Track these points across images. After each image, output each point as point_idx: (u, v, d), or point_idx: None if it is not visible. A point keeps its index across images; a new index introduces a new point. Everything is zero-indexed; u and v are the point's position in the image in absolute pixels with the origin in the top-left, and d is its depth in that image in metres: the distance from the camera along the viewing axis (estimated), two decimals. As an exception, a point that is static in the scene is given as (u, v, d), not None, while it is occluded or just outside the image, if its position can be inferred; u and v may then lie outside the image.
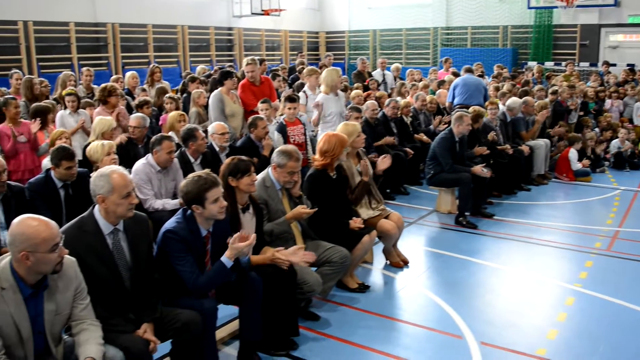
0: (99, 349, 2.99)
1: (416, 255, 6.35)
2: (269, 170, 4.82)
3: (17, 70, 9.21)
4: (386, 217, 5.85)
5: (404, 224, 6.13)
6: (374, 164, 5.86)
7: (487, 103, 9.76)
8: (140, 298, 3.53)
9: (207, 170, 3.84)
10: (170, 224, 3.74)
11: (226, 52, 18.08)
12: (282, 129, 7.30)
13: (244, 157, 4.40)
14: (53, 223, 2.85)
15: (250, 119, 6.95)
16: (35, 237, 2.76)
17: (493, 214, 7.78)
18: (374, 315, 4.99)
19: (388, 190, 8.46)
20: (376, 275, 5.92)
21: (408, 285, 5.65)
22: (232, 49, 18.35)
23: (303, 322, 4.77)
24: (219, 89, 7.89)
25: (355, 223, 5.15)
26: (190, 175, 3.77)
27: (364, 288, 5.47)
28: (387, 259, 6.13)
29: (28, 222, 2.81)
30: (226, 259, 3.66)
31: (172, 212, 5.46)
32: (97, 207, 3.45)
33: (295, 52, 19.42)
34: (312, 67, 9.40)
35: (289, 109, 7.39)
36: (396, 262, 6.07)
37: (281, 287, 4.25)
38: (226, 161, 4.39)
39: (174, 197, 5.75)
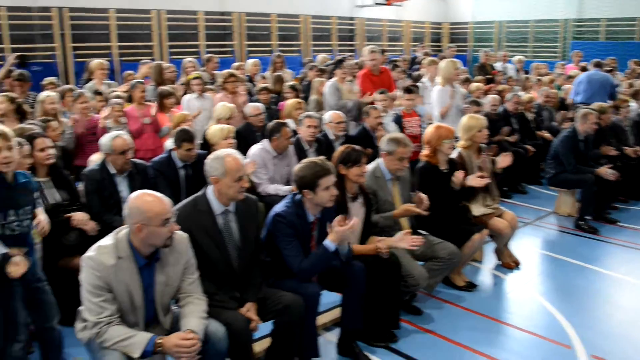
0: (201, 322, 3.12)
1: (529, 258, 6.11)
2: (379, 160, 4.82)
3: (147, 60, 9.74)
4: (499, 216, 5.66)
5: (518, 223, 5.91)
6: (493, 161, 5.71)
7: (613, 102, 9.06)
8: (246, 277, 3.66)
9: (322, 157, 3.90)
10: (279, 207, 3.83)
11: (347, 42, 18.16)
12: (398, 120, 7.26)
13: (357, 147, 4.41)
14: (166, 199, 3.03)
15: (364, 107, 6.98)
16: (149, 210, 2.94)
17: (617, 219, 7.32)
18: (480, 316, 4.87)
19: (505, 188, 8.19)
20: (485, 275, 5.76)
21: (518, 287, 5.46)
22: (353, 39, 18.41)
23: (405, 315, 4.75)
24: (335, 78, 7.97)
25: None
26: (306, 161, 3.85)
27: (471, 287, 5.35)
28: (498, 259, 5.94)
29: (144, 197, 3.01)
30: (329, 242, 3.70)
31: (284, 196, 5.64)
32: (210, 187, 3.60)
33: (418, 44, 19.17)
34: (432, 57, 9.26)
35: (407, 100, 7.33)
36: (507, 263, 5.87)
37: (385, 277, 4.25)
38: (339, 149, 4.43)
39: (287, 183, 5.89)
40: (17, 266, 3.26)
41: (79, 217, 4.53)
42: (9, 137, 3.44)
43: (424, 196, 4.66)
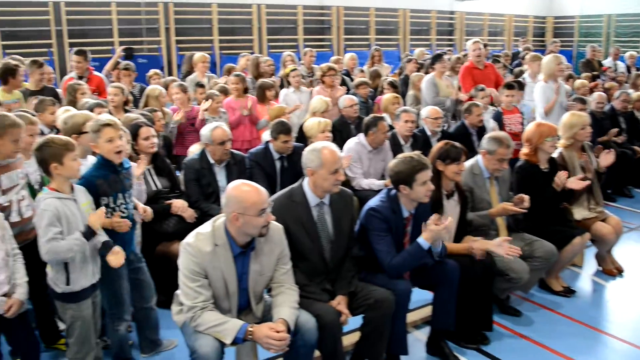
0: (292, 312, 3.15)
1: (634, 265, 5.75)
2: (478, 157, 4.69)
3: (247, 53, 9.94)
4: (603, 220, 5.37)
5: (622, 229, 5.58)
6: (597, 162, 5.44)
7: None
8: (337, 270, 3.67)
9: (418, 152, 3.84)
10: (374, 202, 3.81)
11: (446, 37, 17.84)
12: (498, 117, 7.04)
13: (457, 144, 4.32)
14: (263, 190, 3.07)
15: (465, 104, 6.83)
16: (245, 200, 2.98)
17: None
18: (577, 323, 4.63)
19: (609, 191, 7.77)
20: (584, 281, 5.49)
21: (620, 296, 5.16)
22: (452, 34, 18.06)
23: (498, 318, 4.60)
24: (432, 72, 7.84)
25: None
26: (402, 155, 3.80)
27: (569, 292, 5.11)
28: (599, 265, 5.64)
29: (241, 187, 3.06)
30: (423, 240, 3.64)
31: (378, 191, 5.61)
32: (306, 179, 3.63)
33: (519, 39, 18.54)
34: (535, 53, 8.92)
35: (507, 96, 7.10)
36: (609, 270, 5.56)
37: (478, 277, 4.13)
38: (439, 144, 4.35)
39: (382, 177, 5.85)
40: (116, 255, 3.41)
41: (179, 204, 4.69)
42: (119, 127, 3.61)
43: (525, 197, 4.50)
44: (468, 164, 4.58)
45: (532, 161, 5.04)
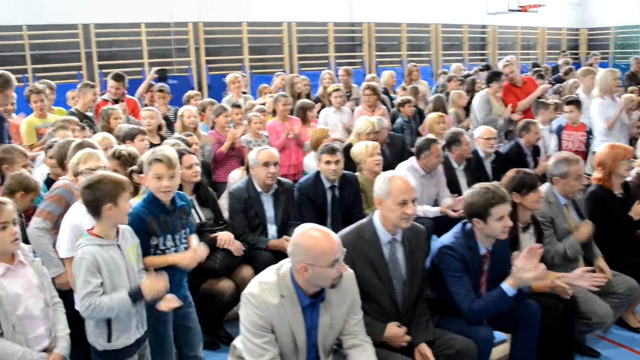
0: None
1: None
2: (549, 184, 4.28)
3: (281, 72, 9.66)
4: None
5: None
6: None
7: None
8: (410, 314, 3.31)
9: (496, 183, 3.47)
10: (448, 239, 3.43)
11: (479, 51, 17.45)
12: (559, 131, 6.66)
13: (529, 171, 3.96)
14: (335, 237, 2.70)
15: (522, 122, 6.44)
16: (315, 249, 2.63)
17: None
18: (659, 363, 4.19)
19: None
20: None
21: None
22: (484, 48, 17.66)
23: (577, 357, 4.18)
24: (486, 90, 7.46)
25: None
26: (478, 186, 3.42)
27: (647, 329, 4.66)
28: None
29: (310, 233, 2.69)
30: (508, 286, 3.26)
31: (433, 219, 5.24)
32: (377, 213, 3.28)
33: (554, 51, 18.10)
34: (587, 67, 8.48)
35: (571, 112, 6.71)
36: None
37: (560, 317, 3.72)
38: (509, 174, 3.95)
39: (435, 204, 5.48)
40: (168, 301, 3.08)
41: (225, 237, 4.34)
42: (174, 164, 3.27)
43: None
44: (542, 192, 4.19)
45: (606, 186, 4.62)
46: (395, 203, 3.18)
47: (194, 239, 3.49)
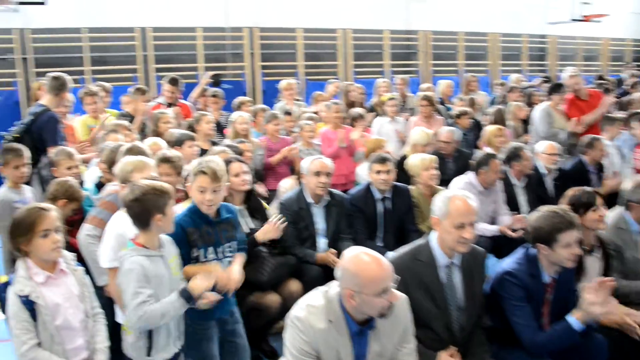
0: None
1: None
2: (621, 208, 3.99)
3: (335, 79, 9.51)
4: None
5: None
6: None
7: None
8: (466, 343, 3.10)
9: (565, 207, 3.24)
10: (510, 264, 3.20)
11: (537, 62, 16.93)
12: (628, 148, 6.36)
13: (587, 188, 3.73)
14: (386, 263, 2.50)
15: (586, 138, 6.11)
16: (363, 276, 2.44)
17: None
18: None
19: None
20: None
21: None
22: (544, 59, 17.13)
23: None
24: (547, 102, 7.15)
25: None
26: (545, 209, 3.19)
27: None
28: None
29: (359, 258, 2.50)
30: (575, 320, 3.02)
31: (490, 238, 5.00)
32: (434, 234, 3.09)
33: (617, 63, 17.44)
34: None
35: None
36: None
37: (629, 354, 3.44)
38: (567, 194, 3.71)
39: (492, 221, 5.23)
40: (210, 297, 2.97)
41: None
42: (218, 177, 3.16)
43: None
44: (612, 218, 3.91)
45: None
46: (453, 225, 2.99)
47: (238, 260, 3.36)
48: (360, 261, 2.49)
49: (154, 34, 11.45)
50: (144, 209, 2.77)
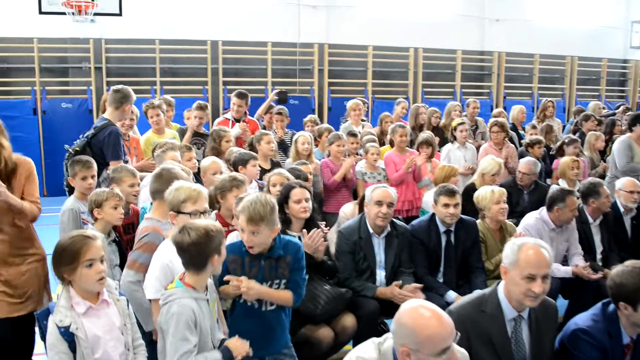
0: None
1: None
2: None
3: (402, 99, 9.29)
4: None
5: None
6: None
7: None
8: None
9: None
10: (585, 320, 2.93)
11: (617, 87, 16.22)
12: None
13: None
14: (448, 320, 2.27)
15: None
16: (421, 333, 2.21)
17: None
18: None
19: None
20: None
21: None
22: (624, 84, 16.40)
23: None
24: (628, 134, 6.74)
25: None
26: (631, 264, 2.90)
27: None
28: None
29: (418, 311, 2.28)
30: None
31: (560, 279, 4.68)
32: (502, 284, 2.85)
33: None
34: None
35: None
36: None
37: None
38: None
39: (564, 261, 4.91)
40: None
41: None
42: (257, 220, 2.99)
43: None
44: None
45: None
46: (521, 276, 2.75)
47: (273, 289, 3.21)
48: (419, 316, 2.26)
49: (224, 47, 11.56)
50: (202, 252, 2.66)
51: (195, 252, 2.66)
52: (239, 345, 2.72)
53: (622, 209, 5.43)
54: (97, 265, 2.57)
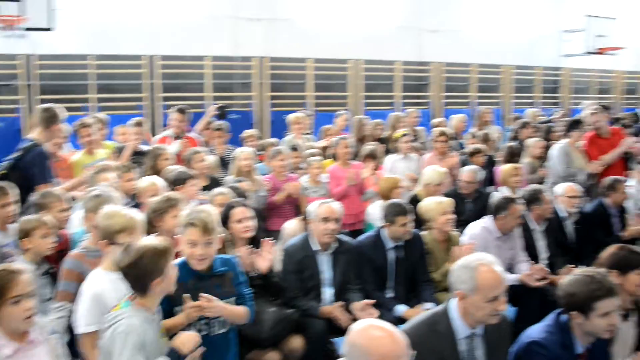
0: None
1: None
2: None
3: (343, 112, 9.25)
4: None
5: None
6: None
7: None
8: None
9: (604, 271, 2.90)
10: (538, 332, 2.87)
11: (551, 95, 16.68)
12: None
13: (635, 248, 3.36)
14: (401, 338, 2.16)
15: (607, 179, 5.82)
16: (373, 352, 2.10)
17: None
18: None
19: None
20: None
21: None
22: (557, 91, 16.87)
23: None
24: (565, 140, 6.85)
25: None
26: (582, 273, 2.87)
27: None
28: None
29: (369, 332, 2.17)
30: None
31: (510, 287, 4.66)
32: (454, 302, 2.75)
33: (630, 96, 17.16)
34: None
35: None
36: None
37: None
38: (611, 250, 3.37)
39: (510, 269, 4.90)
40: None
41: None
42: (210, 230, 2.86)
43: None
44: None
45: None
46: (485, 300, 2.68)
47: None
48: (371, 336, 2.15)
49: (162, 62, 11.28)
50: (140, 274, 2.50)
51: (134, 276, 2.51)
52: (187, 339, 2.56)
53: (563, 214, 5.49)
54: (25, 302, 2.36)
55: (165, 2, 11.20)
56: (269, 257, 3.80)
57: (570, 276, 2.88)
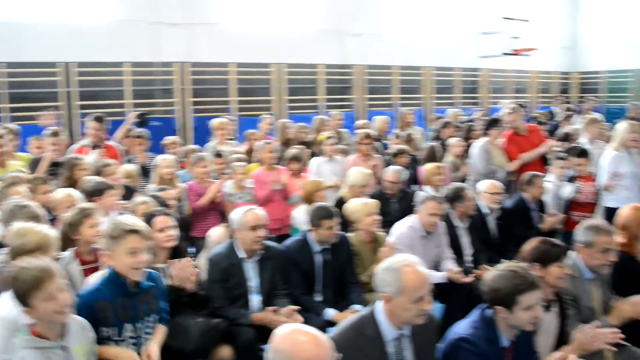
0: None
1: None
2: (574, 255, 3.76)
3: (267, 115, 9.18)
4: None
5: None
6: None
7: None
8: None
9: (525, 265, 2.95)
10: (464, 329, 2.89)
11: (470, 95, 17.15)
12: (571, 180, 6.36)
13: (555, 241, 3.45)
14: (326, 342, 2.13)
15: (525, 175, 5.99)
16: (297, 357, 2.06)
17: None
18: None
19: None
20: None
21: None
22: (476, 91, 17.37)
23: None
24: (485, 138, 7.01)
25: None
26: (504, 268, 2.91)
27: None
28: None
29: (294, 336, 2.12)
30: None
31: (436, 285, 4.72)
32: (380, 305, 2.73)
33: (545, 95, 17.85)
34: (593, 116, 8.08)
35: (579, 165, 6.28)
36: None
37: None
38: (532, 243, 3.45)
39: (436, 267, 4.96)
40: None
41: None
42: (148, 235, 2.76)
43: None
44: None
45: (630, 253, 4.13)
46: (411, 301, 2.68)
47: (157, 336, 2.93)
48: (294, 341, 2.10)
49: (79, 69, 10.87)
50: (18, 287, 2.37)
51: (14, 289, 2.39)
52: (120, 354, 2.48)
53: (486, 211, 5.61)
54: None
55: (80, 7, 10.83)
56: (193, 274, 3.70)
57: (494, 271, 2.92)
